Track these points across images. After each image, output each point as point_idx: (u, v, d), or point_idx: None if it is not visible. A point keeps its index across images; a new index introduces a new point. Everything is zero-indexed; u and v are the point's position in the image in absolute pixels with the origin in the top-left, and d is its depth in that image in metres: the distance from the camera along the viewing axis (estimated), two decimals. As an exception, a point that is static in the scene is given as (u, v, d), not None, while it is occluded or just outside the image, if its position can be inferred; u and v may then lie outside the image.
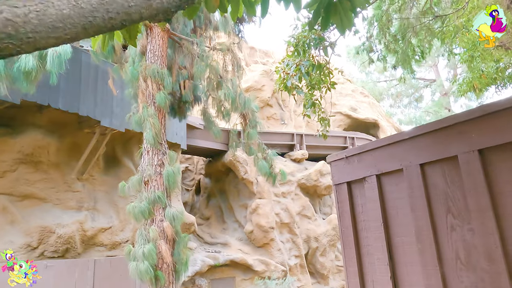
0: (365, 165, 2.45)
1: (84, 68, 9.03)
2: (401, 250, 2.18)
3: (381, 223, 2.26)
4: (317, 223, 14.47)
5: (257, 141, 7.28)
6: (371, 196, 2.37)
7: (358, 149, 2.55)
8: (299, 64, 5.02)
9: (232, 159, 13.09)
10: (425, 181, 2.11)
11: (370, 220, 2.34)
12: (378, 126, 19.96)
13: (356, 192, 2.52)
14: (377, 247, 2.27)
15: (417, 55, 9.96)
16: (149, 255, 4.96)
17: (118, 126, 9.45)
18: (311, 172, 14.55)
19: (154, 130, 5.72)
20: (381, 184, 2.35)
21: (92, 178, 10.08)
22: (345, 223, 2.48)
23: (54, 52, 4.80)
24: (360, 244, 2.42)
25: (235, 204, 14.02)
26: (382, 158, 2.36)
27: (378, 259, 2.25)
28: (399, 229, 2.21)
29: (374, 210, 2.33)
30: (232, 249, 12.96)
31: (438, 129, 2.08)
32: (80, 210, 9.56)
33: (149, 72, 6.03)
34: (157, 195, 5.54)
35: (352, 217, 2.48)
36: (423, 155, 2.13)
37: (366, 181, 2.42)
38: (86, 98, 8.92)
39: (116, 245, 10.05)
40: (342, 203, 2.59)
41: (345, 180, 2.61)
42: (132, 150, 10.88)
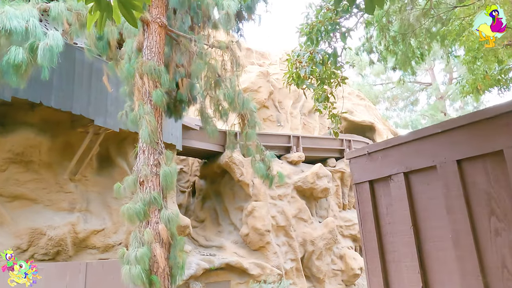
0: (390, 162, 2.23)
1: (78, 65, 8.80)
2: (434, 256, 1.98)
3: (410, 226, 2.06)
4: (313, 226, 14.30)
5: (255, 142, 7.09)
6: (398, 196, 2.16)
7: (382, 144, 2.34)
8: (313, 52, 4.76)
9: (228, 160, 12.89)
10: (463, 180, 1.90)
11: (397, 223, 2.14)
12: (375, 129, 19.89)
13: (379, 192, 2.31)
14: (406, 253, 2.07)
15: (416, 57, 9.87)
16: (142, 259, 4.74)
17: (112, 125, 9.21)
18: (307, 175, 14.38)
19: (150, 128, 5.50)
20: (410, 183, 2.15)
21: (85, 179, 9.82)
22: (367, 227, 2.28)
23: (45, 44, 4.58)
24: (385, 250, 2.20)
25: (231, 207, 13.80)
26: (410, 154, 2.15)
27: (407, 267, 2.04)
28: (431, 233, 2.00)
29: (402, 211, 2.12)
30: (227, 252, 12.74)
31: (478, 121, 1.88)
32: (72, 212, 9.29)
33: (146, 69, 5.82)
34: (153, 196, 5.32)
35: (376, 219, 2.27)
36: (460, 150, 1.93)
37: (392, 180, 2.21)
38: (80, 96, 8.68)
39: (109, 247, 9.78)
40: (363, 204, 2.38)
41: (367, 178, 2.40)
42: (126, 150, 10.64)
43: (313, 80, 5.11)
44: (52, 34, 4.67)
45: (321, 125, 19.31)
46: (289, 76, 5.08)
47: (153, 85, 5.87)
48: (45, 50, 4.49)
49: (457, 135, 1.98)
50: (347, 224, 15.83)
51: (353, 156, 2.51)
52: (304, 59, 4.76)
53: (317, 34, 4.75)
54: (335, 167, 15.84)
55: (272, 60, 21.05)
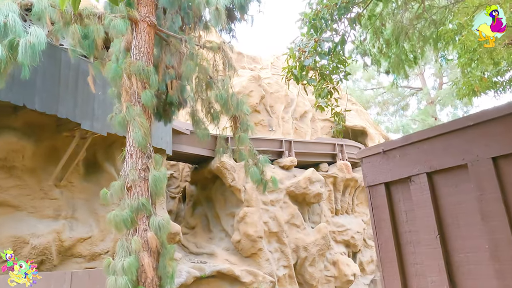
0: (410, 161, 1.98)
1: (63, 67, 8.50)
2: (465, 270, 1.72)
3: (436, 235, 1.80)
4: (306, 232, 14.08)
5: (248, 146, 6.86)
6: (420, 201, 1.89)
7: (400, 141, 2.08)
8: (318, 41, 4.44)
9: (220, 165, 12.64)
10: (500, 180, 1.65)
11: (419, 231, 1.88)
12: (366, 134, 19.82)
13: (397, 196, 2.04)
14: (431, 266, 1.80)
15: (409, 60, 9.78)
16: (129, 269, 4.46)
17: (100, 129, 8.91)
18: (300, 180, 14.19)
19: (143, 130, 5.24)
20: (434, 184, 1.88)
21: (71, 185, 9.48)
22: (384, 235, 2.01)
23: (26, 41, 4.31)
24: (405, 262, 1.93)
25: (222, 213, 13.53)
26: (435, 151, 1.88)
27: (434, 283, 1.77)
28: (462, 243, 1.75)
29: (425, 218, 1.85)
30: (218, 259, 12.44)
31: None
32: (57, 219, 8.94)
33: (134, 69, 5.58)
34: (141, 202, 5.05)
35: (393, 227, 2.00)
36: (496, 146, 1.68)
37: (412, 182, 1.95)
38: (66, 99, 8.38)
39: (96, 256, 9.44)
40: (378, 210, 2.11)
41: (382, 180, 2.12)
42: (114, 155, 10.32)
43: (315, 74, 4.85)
44: (34, 31, 4.40)
45: (313, 130, 19.19)
46: (288, 71, 4.79)
47: (141, 86, 5.63)
48: (27, 48, 4.23)
49: (492, 129, 1.74)
50: (339, 229, 15.65)
51: (366, 155, 2.23)
52: (308, 48, 4.44)
53: (321, 22, 4.49)
54: (328, 172, 15.68)
55: (264, 65, 20.92)
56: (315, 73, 4.74)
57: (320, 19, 4.50)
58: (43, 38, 4.38)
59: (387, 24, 9.27)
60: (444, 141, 1.89)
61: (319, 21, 4.49)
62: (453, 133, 1.87)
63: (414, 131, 20.69)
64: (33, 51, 4.26)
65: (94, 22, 5.53)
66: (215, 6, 6.04)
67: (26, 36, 4.34)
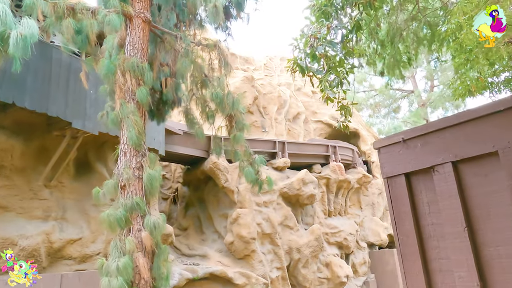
0: (434, 150, 1.86)
1: (55, 65, 8.33)
2: (497, 265, 1.63)
3: (463, 228, 1.69)
4: (299, 234, 14.01)
5: (243, 146, 6.76)
6: (445, 191, 1.78)
7: (421, 128, 1.97)
8: (330, 27, 4.29)
9: (213, 166, 12.52)
10: None
11: (444, 223, 1.77)
12: (359, 136, 19.87)
13: (419, 187, 1.93)
14: (459, 261, 1.70)
15: (403, 61, 9.80)
16: (125, 269, 4.32)
17: (92, 128, 8.74)
18: (293, 181, 14.13)
19: (137, 128, 5.11)
20: (460, 174, 1.77)
21: (61, 185, 9.27)
22: (404, 229, 1.91)
23: (18, 34, 4.15)
24: (428, 257, 1.83)
25: (215, 214, 13.39)
26: (461, 139, 1.77)
27: (462, 278, 1.67)
28: (493, 236, 1.65)
29: (450, 210, 1.75)
30: (211, 261, 12.30)
31: None
32: (47, 220, 8.74)
33: (128, 65, 5.45)
34: (136, 201, 4.92)
35: (415, 220, 1.89)
36: None
37: (436, 171, 1.83)
38: (57, 98, 8.20)
39: (86, 258, 9.24)
40: (398, 202, 1.99)
41: (402, 171, 2.00)
42: (106, 155, 10.15)
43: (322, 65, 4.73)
44: (26, 23, 4.25)
45: (306, 131, 19.17)
46: (294, 63, 4.64)
47: (136, 83, 5.50)
48: (18, 40, 4.07)
49: None
50: (332, 231, 15.62)
51: (384, 145, 2.10)
52: (321, 34, 4.28)
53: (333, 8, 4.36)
54: (321, 173, 15.65)
55: (257, 66, 20.87)
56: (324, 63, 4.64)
57: (332, 5, 4.38)
58: (35, 30, 4.24)
59: (382, 25, 9.28)
60: (472, 128, 1.79)
61: (330, 7, 4.38)
62: (482, 119, 1.77)
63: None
64: (25, 44, 4.12)
65: (88, 17, 5.40)
66: (214, 3, 5.93)
67: (17, 28, 4.20)
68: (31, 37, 4.18)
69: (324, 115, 19.79)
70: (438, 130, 1.86)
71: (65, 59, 8.49)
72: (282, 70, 21.77)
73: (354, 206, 17.90)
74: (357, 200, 18.10)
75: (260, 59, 22.13)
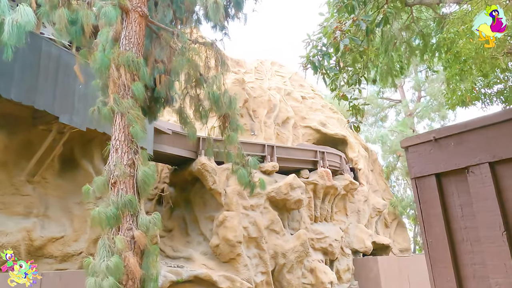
0: (468, 150, 1.80)
1: (44, 57, 8.08)
2: None
3: (502, 232, 1.61)
4: (285, 239, 13.94)
5: (236, 147, 6.66)
6: (481, 193, 1.72)
7: (455, 127, 1.89)
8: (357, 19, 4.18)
9: (201, 167, 12.35)
10: None
11: (479, 227, 1.70)
12: (347, 143, 19.97)
13: (451, 188, 1.85)
14: (496, 266, 1.62)
15: (395, 70, 9.88)
16: (116, 269, 4.15)
17: (79, 124, 8.51)
18: (281, 185, 14.07)
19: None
20: (498, 176, 1.70)
21: (45, 181, 8.99)
22: (434, 232, 1.82)
23: (13, 20, 3.97)
24: (461, 262, 1.75)
25: (201, 216, 13.21)
26: (500, 138, 1.70)
27: (499, 285, 1.60)
28: None
29: (487, 213, 1.68)
30: (196, 264, 12.12)
31: None
32: (28, 217, 8.45)
33: (123, 59, 5.29)
34: (128, 198, 4.76)
35: (446, 223, 1.82)
36: None
37: (471, 172, 1.77)
38: (44, 91, 7.96)
39: (68, 257, 8.97)
40: (427, 204, 1.90)
41: (432, 171, 1.92)
42: (93, 152, 9.91)
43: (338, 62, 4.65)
44: (22, 10, 4.07)
45: (294, 136, 19.17)
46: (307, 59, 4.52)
47: (130, 78, 5.35)
48: (13, 27, 3.89)
49: None
50: (318, 237, 15.59)
51: (413, 144, 2.01)
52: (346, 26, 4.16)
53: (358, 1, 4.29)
54: (308, 179, 15.63)
55: (247, 69, 20.81)
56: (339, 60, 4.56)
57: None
58: (31, 17, 4.06)
59: (376, 31, 9.33)
60: None
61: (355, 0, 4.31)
62: None
63: (392, 142, 20.71)
64: (20, 32, 3.94)
65: (83, 7, 5.24)
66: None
67: (12, 14, 4.02)
68: (27, 24, 4.01)
69: (312, 121, 19.84)
70: (475, 129, 1.79)
71: (55, 51, 8.26)
72: (273, 74, 21.78)
73: (340, 213, 17.94)
74: (343, 207, 18.15)
75: (251, 62, 22.09)
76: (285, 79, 21.99)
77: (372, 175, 21.42)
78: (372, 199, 19.72)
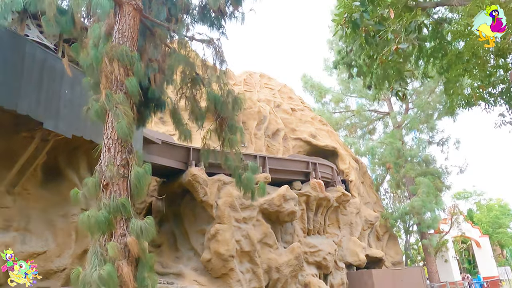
0: None
1: (28, 60, 7.63)
2: None
3: None
4: (278, 252, 13.47)
5: (236, 151, 6.29)
6: None
7: None
8: None
9: (191, 179, 11.89)
10: None
11: None
12: (337, 154, 19.80)
13: None
14: None
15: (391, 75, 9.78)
16: (109, 278, 3.68)
17: (65, 131, 8.02)
18: (274, 197, 13.67)
19: (127, 119, 4.56)
20: None
21: (26, 192, 8.41)
22: None
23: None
24: None
25: (191, 230, 12.67)
26: None
27: None
28: None
29: None
30: (186, 280, 11.53)
31: None
32: (8, 230, 7.83)
33: (117, 53, 4.93)
34: (121, 202, 4.33)
35: None
36: None
37: None
38: (28, 95, 7.48)
39: (50, 274, 8.34)
40: None
41: None
42: (78, 161, 9.38)
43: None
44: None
45: (285, 148, 18.91)
46: (348, 10, 4.16)
47: (124, 73, 4.98)
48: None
49: None
50: (311, 250, 15.16)
51: None
52: None
53: None
54: (301, 190, 15.29)
55: (237, 81, 20.62)
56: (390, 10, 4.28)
57: None
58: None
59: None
60: None
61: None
62: None
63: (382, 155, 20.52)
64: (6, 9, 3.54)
65: (74, -4, 4.89)
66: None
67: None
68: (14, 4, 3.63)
69: (303, 133, 19.66)
70: None
71: (39, 54, 7.83)
72: (262, 86, 21.63)
73: (332, 225, 17.60)
74: (335, 219, 17.82)
75: (240, 74, 21.95)
76: (274, 91, 21.87)
77: (363, 187, 21.24)
78: (364, 211, 19.47)
